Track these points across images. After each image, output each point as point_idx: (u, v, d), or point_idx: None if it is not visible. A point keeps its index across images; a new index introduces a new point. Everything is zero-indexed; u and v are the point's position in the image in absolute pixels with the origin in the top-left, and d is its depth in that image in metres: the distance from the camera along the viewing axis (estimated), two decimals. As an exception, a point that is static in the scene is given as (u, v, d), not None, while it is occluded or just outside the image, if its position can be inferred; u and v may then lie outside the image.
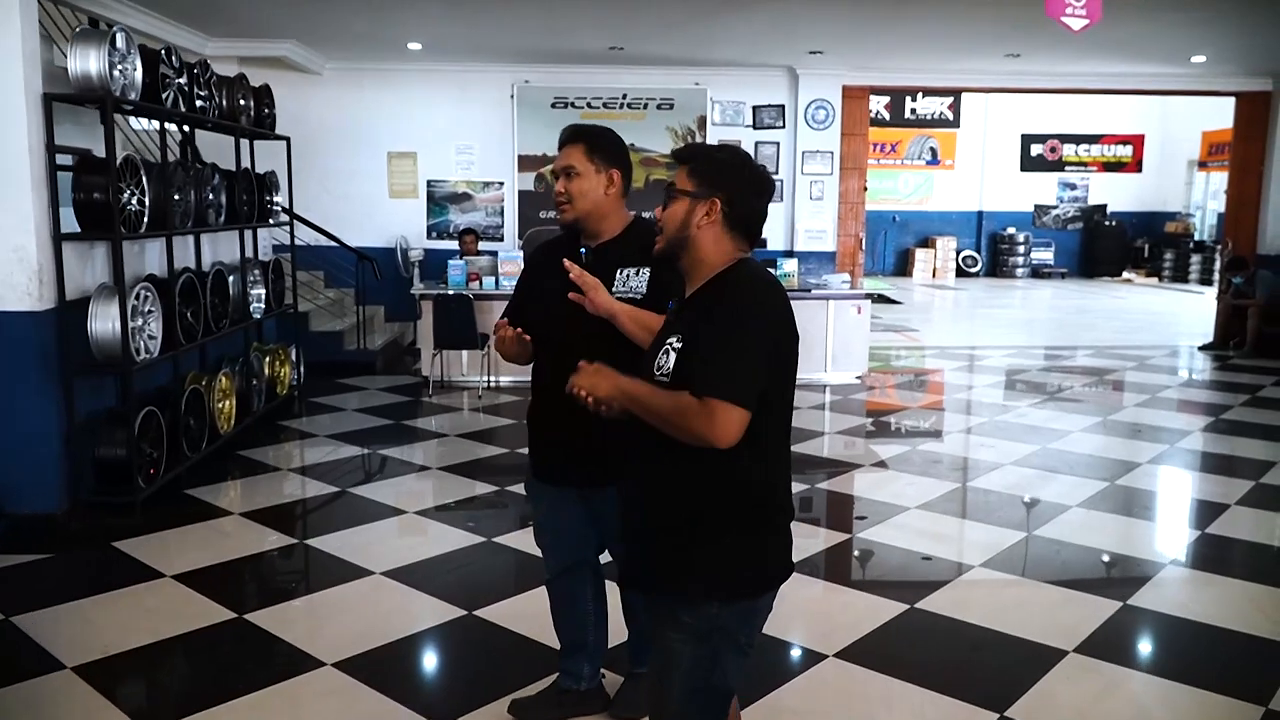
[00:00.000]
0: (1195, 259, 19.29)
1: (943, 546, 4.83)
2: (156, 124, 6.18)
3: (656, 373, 2.12)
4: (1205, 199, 20.63)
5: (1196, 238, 20.03)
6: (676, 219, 2.17)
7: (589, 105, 10.22)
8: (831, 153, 10.54)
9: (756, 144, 10.60)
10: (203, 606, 3.99)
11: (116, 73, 4.91)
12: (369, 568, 4.42)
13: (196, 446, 5.83)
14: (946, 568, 4.51)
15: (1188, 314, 14.71)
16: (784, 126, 10.62)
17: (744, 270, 2.16)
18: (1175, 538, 4.99)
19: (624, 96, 10.35)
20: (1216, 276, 17.27)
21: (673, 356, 2.09)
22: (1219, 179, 19.88)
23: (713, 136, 10.52)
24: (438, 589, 4.20)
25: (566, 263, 2.59)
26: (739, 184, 2.16)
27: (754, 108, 10.61)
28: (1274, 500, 5.54)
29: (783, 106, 10.62)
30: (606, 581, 3.12)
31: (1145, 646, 3.81)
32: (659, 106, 10.41)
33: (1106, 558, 4.77)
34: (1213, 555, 4.75)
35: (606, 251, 2.74)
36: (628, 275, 2.70)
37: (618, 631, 3.22)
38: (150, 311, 5.24)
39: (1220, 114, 16.69)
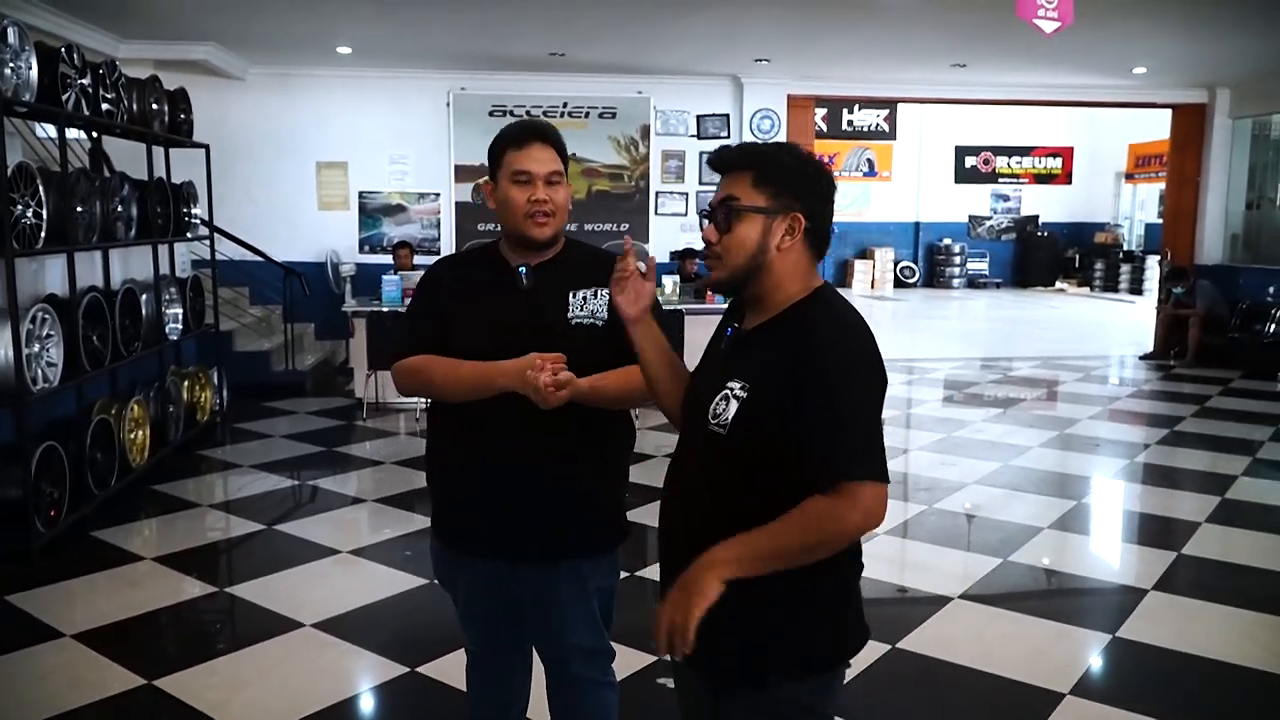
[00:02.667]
0: (1125, 268, 19.62)
1: (918, 576, 4.57)
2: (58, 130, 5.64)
3: (711, 421, 1.73)
4: (1133, 210, 21.02)
5: (1125, 248, 20.37)
6: (749, 244, 1.74)
7: (528, 114, 9.83)
8: (777, 163, 10.28)
9: (701, 154, 10.34)
10: (107, 671, 3.53)
11: (7, 71, 4.42)
12: (298, 619, 3.99)
13: (104, 483, 5.32)
14: (925, 601, 4.23)
15: (1121, 323, 14.90)
16: (729, 136, 10.35)
17: (833, 306, 1.76)
18: (1153, 561, 4.79)
19: (565, 105, 10.01)
20: (1150, 286, 17.63)
21: (734, 406, 1.71)
22: (1146, 190, 20.28)
23: (656, 146, 10.23)
24: (375, 642, 3.79)
25: (538, 374, 2.09)
26: (817, 193, 1.77)
27: (698, 117, 10.34)
28: (1243, 517, 5.41)
29: (727, 116, 10.37)
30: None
31: (1144, 685, 3.55)
32: (601, 115, 10.07)
33: (1088, 584, 4.56)
34: (1194, 579, 4.55)
35: (549, 271, 2.31)
36: (584, 298, 2.28)
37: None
38: (49, 336, 4.74)
39: (1146, 127, 17.01)
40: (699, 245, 8.52)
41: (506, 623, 2.45)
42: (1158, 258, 13.23)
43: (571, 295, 2.28)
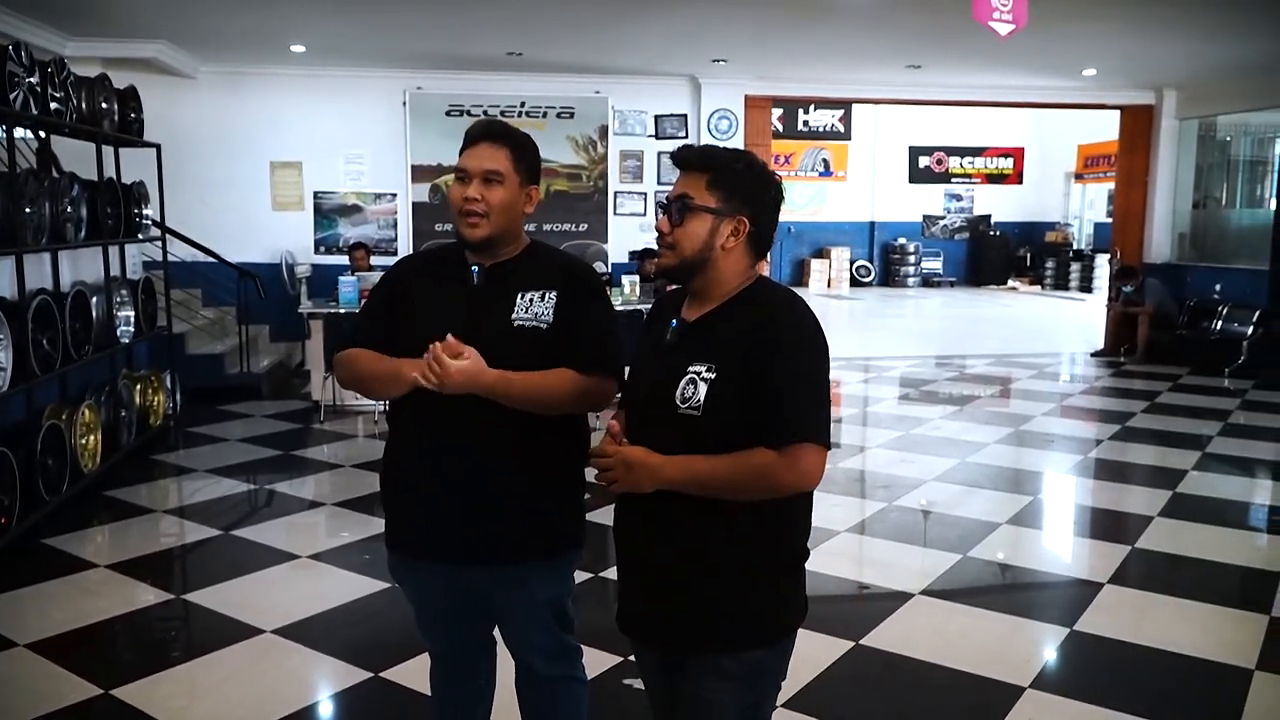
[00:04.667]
0: (1075, 267, 19.96)
1: (879, 573, 4.61)
2: (4, 129, 5.51)
3: (682, 405, 1.87)
4: (1082, 209, 21.40)
5: (1075, 247, 20.73)
6: (697, 239, 1.92)
7: (485, 114, 9.78)
8: (735, 163, 10.33)
9: (659, 154, 10.37)
10: (62, 681, 3.45)
11: (-47, 69, 4.32)
12: (258, 625, 3.93)
13: (56, 489, 5.21)
14: (887, 597, 4.28)
15: (1072, 320, 15.17)
16: (686, 136, 10.38)
17: (776, 290, 1.99)
18: (1108, 554, 4.87)
19: (522, 104, 9.98)
20: (1099, 284, 17.97)
21: (703, 388, 1.86)
22: (1095, 190, 20.65)
23: (614, 146, 10.24)
24: (338, 648, 3.75)
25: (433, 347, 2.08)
26: (764, 201, 1.95)
27: (656, 117, 10.36)
28: (1193, 511, 5.51)
29: (685, 116, 10.40)
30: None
31: (1103, 677, 3.61)
32: (559, 115, 10.06)
33: (1045, 579, 4.65)
34: (1147, 572, 4.65)
35: (503, 272, 2.30)
36: (530, 300, 2.25)
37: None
38: (-2, 339, 4.64)
39: (1094, 128, 17.33)
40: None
41: (462, 623, 2.44)
42: (1107, 256, 13.49)
43: (519, 296, 2.26)
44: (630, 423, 2.02)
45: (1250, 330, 9.96)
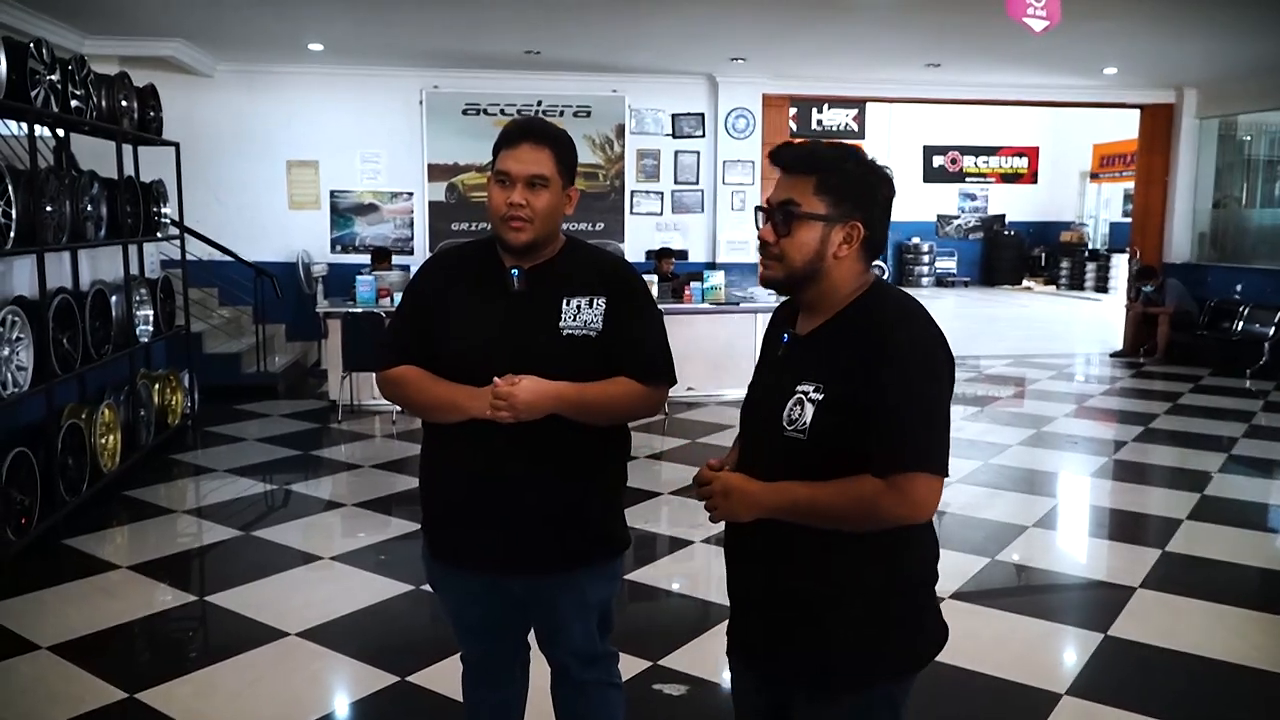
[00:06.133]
0: (1090, 267, 19.83)
1: (907, 577, 4.55)
2: (25, 127, 5.48)
3: (788, 428, 1.72)
4: (1098, 209, 21.27)
5: (1091, 247, 20.61)
6: (807, 249, 1.74)
7: (502, 112, 9.74)
8: (753, 162, 10.30)
9: (676, 153, 10.32)
10: (86, 685, 3.42)
11: (-25, 66, 4.29)
12: (281, 628, 3.89)
13: (76, 489, 5.18)
14: (916, 602, 4.22)
15: (1089, 321, 15.10)
16: (704, 135, 10.35)
17: (893, 299, 1.78)
18: (1138, 558, 4.81)
19: (539, 103, 9.93)
20: (1115, 284, 17.85)
21: (810, 410, 1.70)
22: (1110, 189, 20.52)
23: (631, 145, 10.19)
24: (364, 651, 3.70)
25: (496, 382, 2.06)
26: (878, 201, 1.78)
27: (673, 116, 10.31)
28: (1222, 514, 5.44)
29: (702, 115, 10.35)
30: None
31: (1140, 684, 3.55)
32: (576, 114, 10.01)
33: (1076, 582, 4.58)
34: (1179, 577, 4.57)
35: (544, 274, 2.20)
36: (578, 306, 2.17)
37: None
38: (19, 339, 4.61)
39: (1109, 127, 17.21)
40: (675, 244, 8.56)
41: (502, 629, 2.40)
42: (1125, 256, 13.37)
43: (565, 303, 2.18)
44: (744, 444, 1.91)
45: (1272, 331, 9.85)
